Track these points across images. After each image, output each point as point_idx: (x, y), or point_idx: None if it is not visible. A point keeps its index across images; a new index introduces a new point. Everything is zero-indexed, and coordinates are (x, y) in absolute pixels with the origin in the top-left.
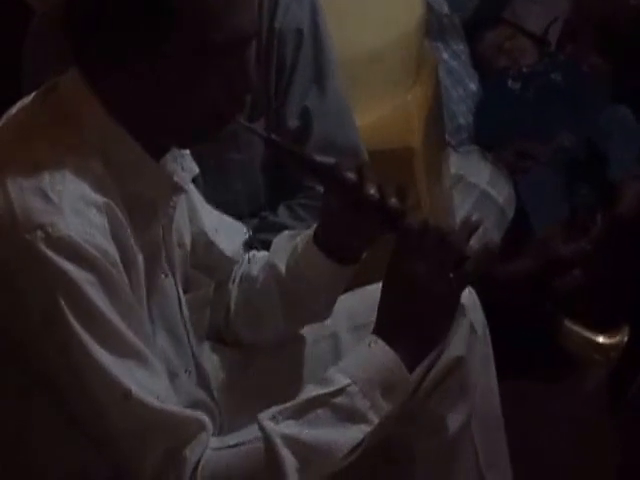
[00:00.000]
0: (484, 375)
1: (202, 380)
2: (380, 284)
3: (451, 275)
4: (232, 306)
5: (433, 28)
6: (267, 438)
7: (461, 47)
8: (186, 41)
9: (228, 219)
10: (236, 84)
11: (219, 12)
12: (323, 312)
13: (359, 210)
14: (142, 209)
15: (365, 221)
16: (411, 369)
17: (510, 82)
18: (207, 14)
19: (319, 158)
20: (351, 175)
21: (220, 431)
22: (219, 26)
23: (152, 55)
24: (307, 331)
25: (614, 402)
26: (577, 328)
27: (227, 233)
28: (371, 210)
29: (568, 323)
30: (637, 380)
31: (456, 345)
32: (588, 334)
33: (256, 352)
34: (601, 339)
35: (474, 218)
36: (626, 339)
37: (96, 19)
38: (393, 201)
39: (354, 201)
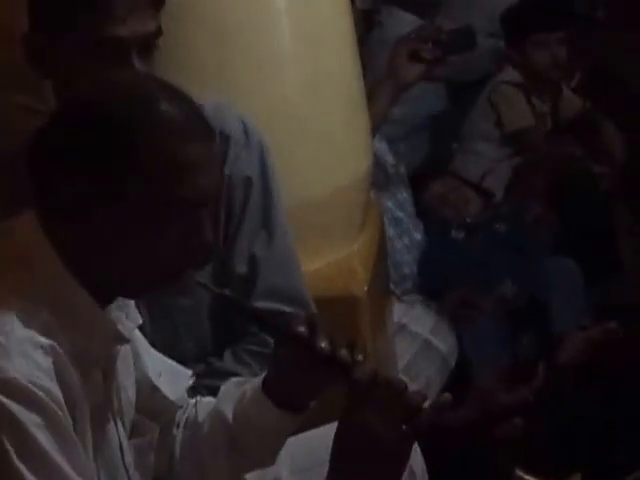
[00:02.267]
0: None
1: None
2: (323, 428)
3: (403, 427)
4: (176, 451)
5: (379, 178)
6: None
7: (406, 197)
8: (149, 196)
9: (173, 363)
10: (192, 240)
11: (186, 171)
12: (269, 459)
13: (309, 362)
14: (87, 354)
15: (315, 372)
16: None
17: (454, 232)
18: (174, 171)
19: (269, 311)
20: (302, 328)
21: None
22: (183, 184)
23: (113, 206)
24: (250, 475)
25: None
26: (528, 478)
27: (171, 378)
28: (322, 363)
29: (519, 472)
30: None
31: None
32: None
33: None
34: None
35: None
36: None
37: (63, 167)
38: (344, 353)
39: (305, 354)
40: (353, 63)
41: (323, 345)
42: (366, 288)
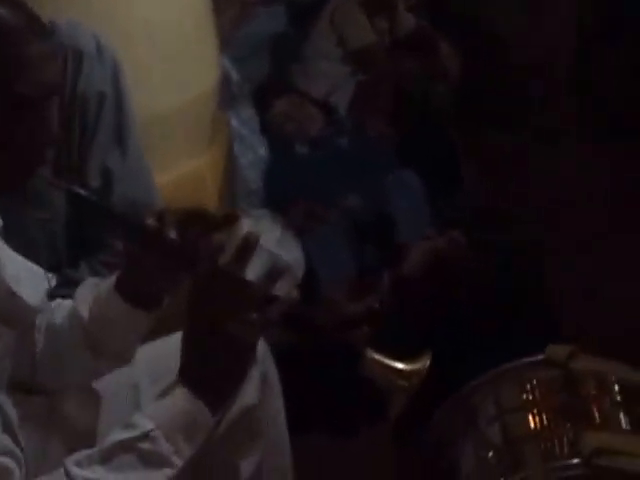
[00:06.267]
0: (275, 425)
1: (7, 427)
2: (180, 334)
3: (252, 318)
4: (37, 355)
5: (224, 95)
6: None
7: (250, 114)
8: None
9: (31, 266)
10: (39, 135)
11: (22, 67)
12: (126, 357)
13: (159, 255)
14: None
15: (165, 266)
16: (213, 412)
17: (298, 147)
18: (10, 68)
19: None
20: (151, 221)
21: (27, 477)
22: (21, 80)
23: None
24: (109, 381)
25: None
26: (379, 356)
27: (30, 282)
28: (170, 253)
29: (370, 351)
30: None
31: (248, 393)
32: (390, 361)
33: (60, 400)
34: (403, 365)
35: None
36: (427, 365)
37: None
38: (191, 243)
39: (154, 246)
40: None
41: (172, 235)
42: (216, 200)
